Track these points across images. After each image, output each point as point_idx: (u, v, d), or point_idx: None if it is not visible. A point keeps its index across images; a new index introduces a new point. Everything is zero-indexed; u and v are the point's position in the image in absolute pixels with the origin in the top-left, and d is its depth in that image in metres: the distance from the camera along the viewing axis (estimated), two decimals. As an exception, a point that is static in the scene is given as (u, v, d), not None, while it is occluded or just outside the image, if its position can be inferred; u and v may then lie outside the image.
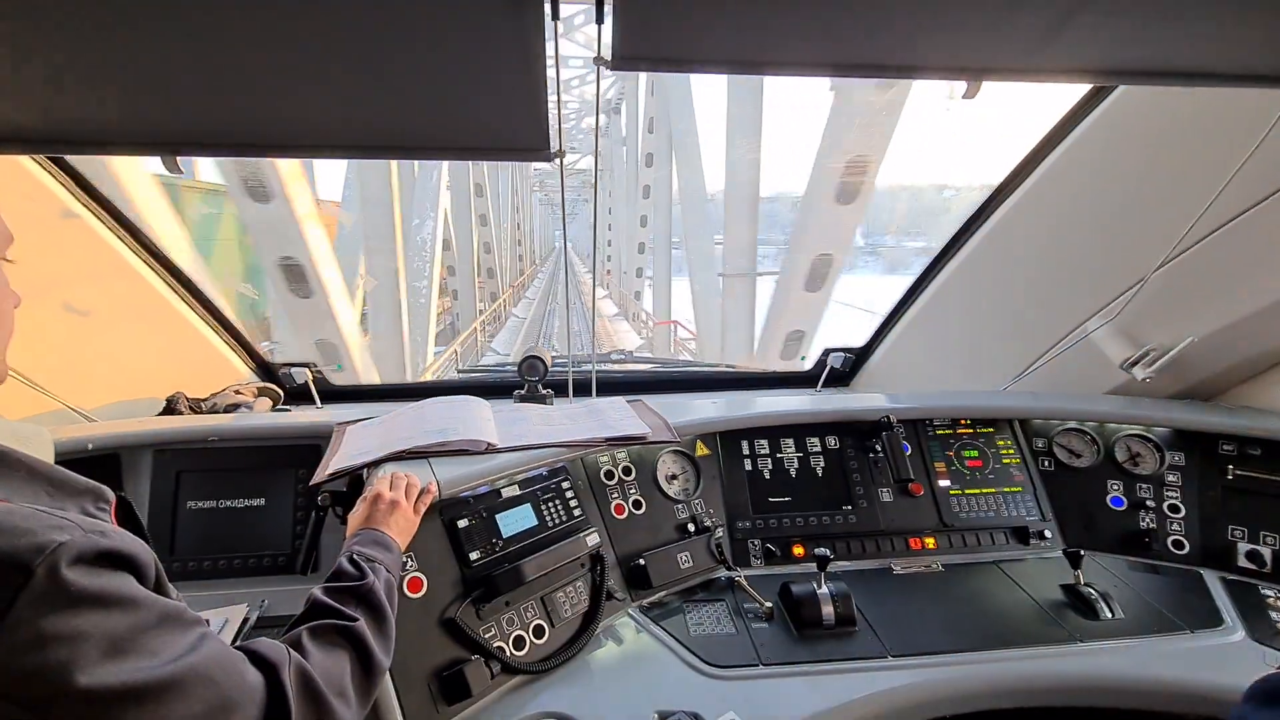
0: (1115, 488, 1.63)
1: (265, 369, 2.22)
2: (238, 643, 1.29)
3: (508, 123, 1.15)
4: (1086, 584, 1.38)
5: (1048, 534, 1.59)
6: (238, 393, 1.94)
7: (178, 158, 1.13)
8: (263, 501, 1.52)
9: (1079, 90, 1.61)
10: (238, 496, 1.52)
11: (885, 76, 1.13)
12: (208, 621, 0.65)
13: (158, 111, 1.06)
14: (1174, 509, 1.57)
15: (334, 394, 2.26)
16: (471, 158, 1.29)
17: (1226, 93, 1.34)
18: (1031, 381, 1.98)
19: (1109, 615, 1.32)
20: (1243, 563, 1.47)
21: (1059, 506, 1.64)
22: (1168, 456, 1.61)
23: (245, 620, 1.33)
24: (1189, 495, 1.57)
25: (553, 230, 50.51)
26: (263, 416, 1.74)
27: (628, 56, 1.06)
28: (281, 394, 2.07)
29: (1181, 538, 1.54)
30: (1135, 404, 1.71)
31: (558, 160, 1.22)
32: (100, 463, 1.45)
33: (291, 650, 0.70)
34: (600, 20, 1.06)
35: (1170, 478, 1.60)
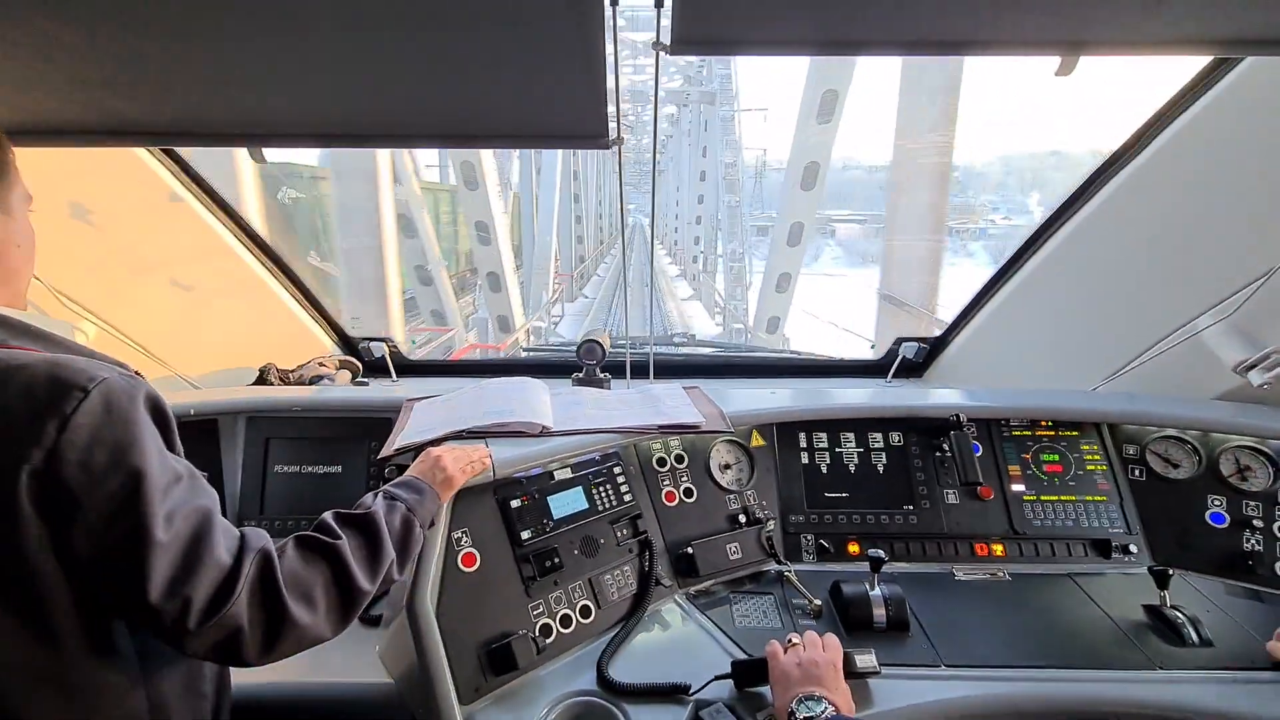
0: (1217, 503, 1.47)
1: (347, 342, 2.37)
2: None
3: (569, 112, 1.16)
4: (1174, 606, 1.27)
5: (1133, 549, 1.47)
6: (321, 365, 2.07)
7: (264, 148, 1.21)
8: (339, 469, 1.63)
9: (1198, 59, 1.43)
10: (318, 463, 1.64)
11: (966, 53, 1.05)
12: None
13: (246, 108, 1.13)
14: (1287, 531, 1.41)
15: (409, 368, 2.38)
16: (535, 145, 1.31)
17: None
18: (1126, 381, 1.82)
19: (1196, 641, 1.21)
20: (1368, 596, 1.31)
21: (1148, 520, 1.50)
22: (1284, 472, 1.44)
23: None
24: (1307, 517, 1.41)
25: (627, 205, 50.95)
26: (341, 390, 1.86)
27: (686, 41, 1.04)
28: (360, 367, 2.20)
29: (1293, 563, 1.38)
30: (1247, 411, 1.53)
31: (616, 146, 1.21)
32: (201, 427, 1.60)
33: (270, 546, 0.78)
34: (660, 4, 1.04)
35: (1285, 496, 1.43)
